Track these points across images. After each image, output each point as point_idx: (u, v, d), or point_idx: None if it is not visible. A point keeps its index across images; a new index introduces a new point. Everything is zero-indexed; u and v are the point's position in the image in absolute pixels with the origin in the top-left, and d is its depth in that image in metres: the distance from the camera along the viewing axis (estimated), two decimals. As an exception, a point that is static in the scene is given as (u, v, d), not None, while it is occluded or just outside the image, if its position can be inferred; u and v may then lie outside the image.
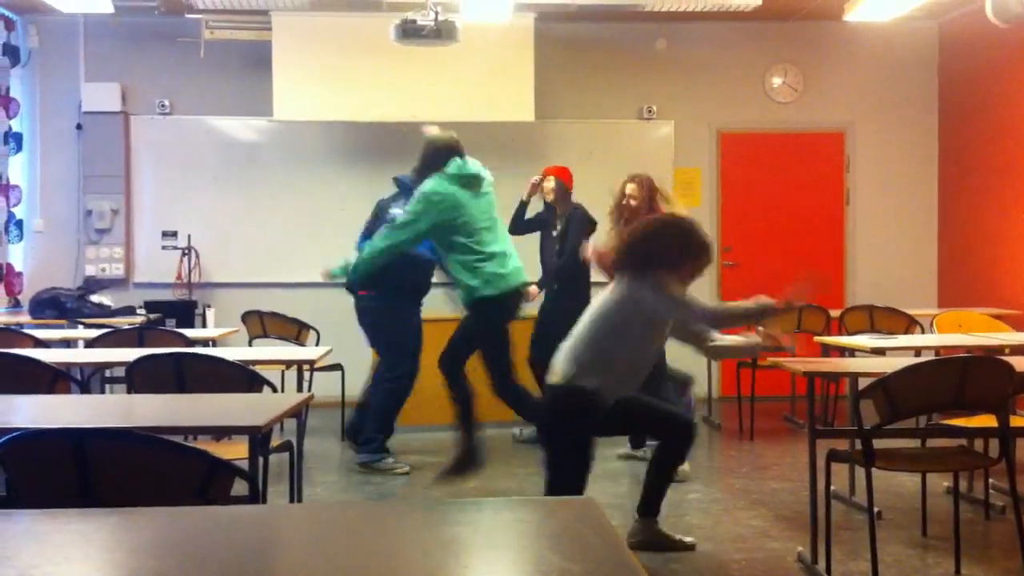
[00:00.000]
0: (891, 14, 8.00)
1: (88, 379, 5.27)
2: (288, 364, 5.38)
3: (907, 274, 9.17)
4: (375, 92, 8.39)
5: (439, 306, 6.93)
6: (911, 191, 9.26)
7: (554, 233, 7.02)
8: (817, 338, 6.13)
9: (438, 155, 5.78)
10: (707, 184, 9.11)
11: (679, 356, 6.09)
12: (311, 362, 5.07)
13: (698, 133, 9.13)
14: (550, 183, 7.01)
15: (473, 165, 5.83)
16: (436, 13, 6.19)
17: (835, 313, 7.30)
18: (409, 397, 6.43)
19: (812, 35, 9.12)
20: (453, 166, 5.73)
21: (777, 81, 9.24)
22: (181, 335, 5.76)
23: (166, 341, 5.45)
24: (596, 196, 7.74)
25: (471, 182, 5.75)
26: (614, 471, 6.21)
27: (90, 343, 5.60)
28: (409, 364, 6.36)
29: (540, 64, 8.45)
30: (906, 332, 6.70)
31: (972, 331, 6.27)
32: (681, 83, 9.14)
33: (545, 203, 7.13)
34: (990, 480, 5.14)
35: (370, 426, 6.35)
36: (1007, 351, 5.07)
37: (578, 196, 8.08)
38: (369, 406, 6.49)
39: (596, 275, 6.45)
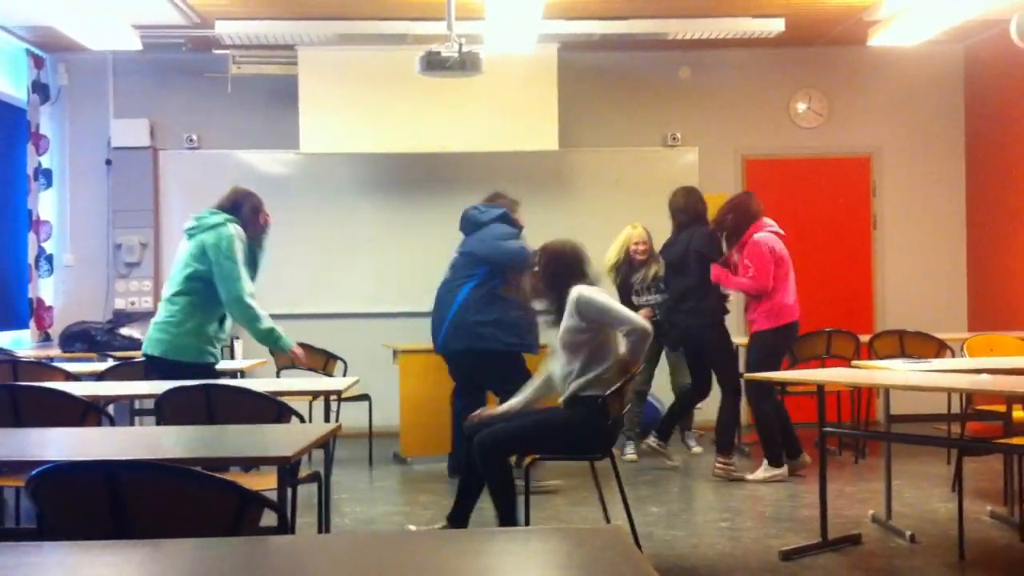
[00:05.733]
0: (916, 38, 7.98)
1: (103, 408, 5.25)
2: (315, 395, 5.38)
3: (936, 298, 9.11)
4: (400, 124, 8.44)
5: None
6: (939, 214, 9.21)
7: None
8: (854, 363, 6.09)
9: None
10: (733, 210, 9.07)
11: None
12: (338, 393, 5.07)
13: (723, 159, 9.12)
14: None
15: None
16: (460, 45, 6.22)
17: (864, 338, 7.25)
18: None
19: (836, 60, 9.12)
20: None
21: (802, 107, 9.23)
22: None
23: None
24: (621, 223, 7.77)
25: None
26: (639, 497, 6.18)
27: (100, 376, 5.60)
28: None
29: (564, 93, 8.48)
30: (936, 356, 6.65)
31: (1004, 354, 6.22)
32: (705, 110, 9.15)
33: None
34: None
35: None
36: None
37: (603, 224, 8.09)
38: None
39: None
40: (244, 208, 5.45)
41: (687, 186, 7.31)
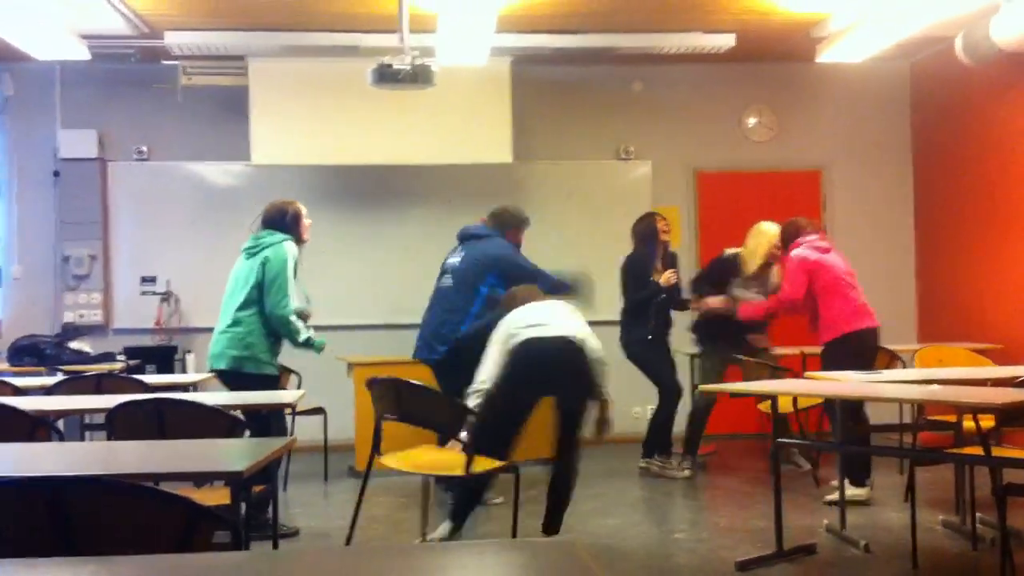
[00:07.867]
0: (863, 55, 8.07)
1: (52, 423, 5.17)
2: (269, 408, 5.33)
3: (886, 310, 9.12)
4: (352, 136, 8.40)
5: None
6: (888, 227, 9.33)
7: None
8: (807, 374, 6.14)
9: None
10: (685, 223, 9.15)
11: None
12: (292, 406, 5.03)
13: (675, 173, 9.18)
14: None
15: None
16: (413, 57, 6.21)
17: (816, 350, 7.30)
18: None
19: (786, 76, 9.21)
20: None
21: (752, 121, 9.32)
22: (140, 381, 5.66)
23: (126, 388, 5.35)
24: (575, 236, 7.81)
25: None
26: (593, 510, 6.17)
27: (49, 390, 5.52)
28: None
29: (517, 106, 8.49)
30: (887, 367, 6.72)
31: (953, 365, 6.30)
32: (658, 124, 9.20)
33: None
34: (978, 514, 5.14)
35: None
36: (989, 384, 5.10)
37: (555, 236, 8.12)
38: None
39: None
40: (288, 220, 6.00)
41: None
